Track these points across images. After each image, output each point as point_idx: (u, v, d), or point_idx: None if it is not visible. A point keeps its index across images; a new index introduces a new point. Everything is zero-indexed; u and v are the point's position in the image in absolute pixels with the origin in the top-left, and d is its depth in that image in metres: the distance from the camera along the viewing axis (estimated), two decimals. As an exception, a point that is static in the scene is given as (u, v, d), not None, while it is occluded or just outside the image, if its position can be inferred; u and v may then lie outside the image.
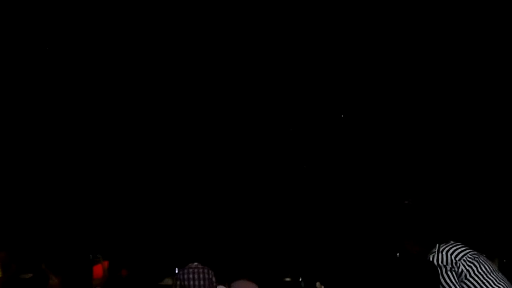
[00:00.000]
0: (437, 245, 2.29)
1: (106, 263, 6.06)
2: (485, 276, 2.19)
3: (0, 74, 6.64)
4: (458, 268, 2.21)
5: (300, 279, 8.40)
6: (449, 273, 2.21)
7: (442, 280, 2.21)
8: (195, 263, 5.08)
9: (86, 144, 8.55)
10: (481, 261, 2.23)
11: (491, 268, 2.23)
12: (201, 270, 5.04)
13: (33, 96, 7.29)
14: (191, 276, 5.00)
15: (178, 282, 5.06)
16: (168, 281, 6.95)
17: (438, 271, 2.19)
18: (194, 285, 4.97)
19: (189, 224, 8.82)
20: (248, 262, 5.69)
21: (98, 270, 5.59)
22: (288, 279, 7.89)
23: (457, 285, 2.20)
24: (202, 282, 4.99)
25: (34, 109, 7.48)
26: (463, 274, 2.19)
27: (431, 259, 2.25)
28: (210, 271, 5.10)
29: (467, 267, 2.21)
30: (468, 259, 2.23)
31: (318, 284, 7.88)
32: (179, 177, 9.28)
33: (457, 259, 2.22)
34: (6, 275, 4.60)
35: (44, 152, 8.24)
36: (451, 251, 2.25)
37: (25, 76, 6.93)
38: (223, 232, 9.08)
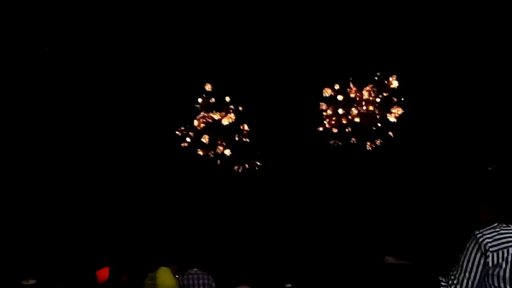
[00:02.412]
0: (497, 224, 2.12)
1: (107, 269, 6.06)
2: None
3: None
4: (487, 257, 2.04)
5: (302, 286, 8.37)
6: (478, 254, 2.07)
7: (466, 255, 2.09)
8: (195, 269, 5.08)
9: (98, 151, 8.63)
10: None
11: None
12: (201, 276, 5.04)
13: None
14: (191, 282, 5.00)
15: (178, 288, 5.05)
16: None
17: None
18: (194, 291, 4.96)
19: (189, 230, 8.81)
20: (248, 268, 5.67)
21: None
22: (289, 285, 7.85)
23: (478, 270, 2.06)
24: (202, 288, 4.98)
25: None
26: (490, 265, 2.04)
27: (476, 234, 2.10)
28: (210, 277, 5.10)
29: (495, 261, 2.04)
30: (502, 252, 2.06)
31: (318, 290, 7.86)
32: (179, 182, 9.29)
33: (487, 247, 2.04)
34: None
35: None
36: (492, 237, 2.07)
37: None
38: (223, 238, 9.07)
